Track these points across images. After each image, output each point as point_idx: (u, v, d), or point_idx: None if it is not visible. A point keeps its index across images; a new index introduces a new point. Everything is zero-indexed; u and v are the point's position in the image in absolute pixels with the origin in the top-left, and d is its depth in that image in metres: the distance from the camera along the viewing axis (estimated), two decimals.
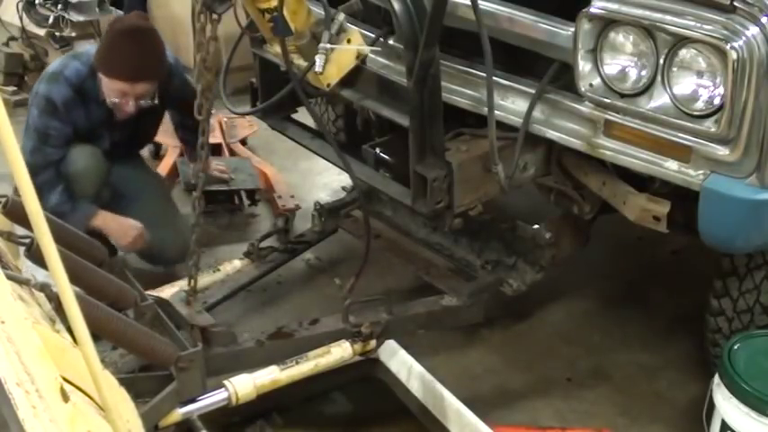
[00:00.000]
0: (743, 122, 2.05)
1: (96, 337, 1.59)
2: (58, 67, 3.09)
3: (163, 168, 3.97)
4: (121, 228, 3.10)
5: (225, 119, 4.37)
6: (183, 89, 3.23)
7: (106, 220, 3.07)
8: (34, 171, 2.82)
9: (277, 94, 2.65)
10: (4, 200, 1.95)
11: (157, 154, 4.33)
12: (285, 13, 2.27)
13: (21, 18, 5.15)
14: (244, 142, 4.41)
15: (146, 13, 3.93)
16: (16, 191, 1.83)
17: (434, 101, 2.32)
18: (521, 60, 2.54)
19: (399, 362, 2.53)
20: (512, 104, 2.51)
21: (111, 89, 3.00)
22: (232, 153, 4.18)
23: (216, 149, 4.05)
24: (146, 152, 4.24)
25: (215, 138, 4.07)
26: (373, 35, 2.68)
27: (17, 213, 1.93)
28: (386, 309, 2.53)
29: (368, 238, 2.61)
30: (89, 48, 3.32)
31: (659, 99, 2.20)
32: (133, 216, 3.17)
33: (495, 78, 2.36)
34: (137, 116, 3.13)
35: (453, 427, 2.32)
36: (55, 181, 2.98)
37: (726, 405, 2.29)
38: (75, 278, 1.19)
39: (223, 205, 3.77)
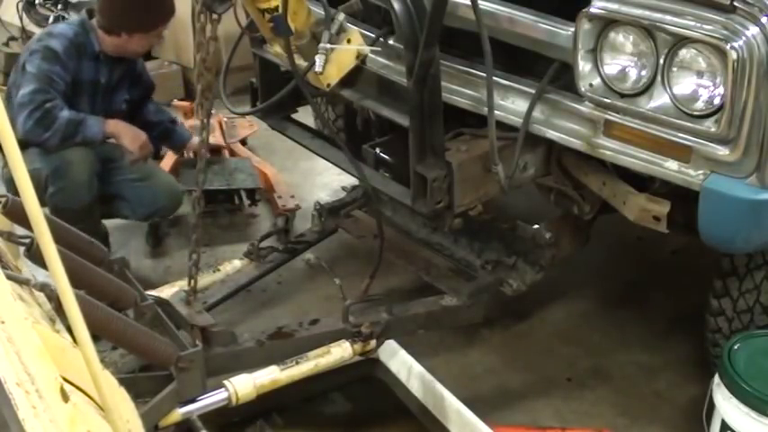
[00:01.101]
0: (743, 122, 2.05)
1: (96, 337, 1.60)
2: (45, 30, 3.27)
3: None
4: (133, 131, 3.23)
5: (225, 119, 4.37)
6: (143, 71, 3.48)
7: (118, 123, 3.20)
8: (38, 103, 2.99)
9: (277, 94, 2.65)
10: (3, 200, 1.95)
11: (157, 154, 4.33)
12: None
13: (21, 18, 5.17)
14: (244, 142, 4.41)
15: None
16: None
17: (434, 101, 2.32)
18: (521, 60, 2.54)
19: (399, 362, 2.53)
20: (512, 104, 2.51)
21: (151, 36, 3.17)
22: (232, 153, 4.17)
23: (215, 150, 4.04)
24: None
25: (214, 138, 4.07)
26: (373, 35, 2.68)
27: (17, 213, 1.93)
28: (386, 309, 2.52)
29: (381, 240, 2.62)
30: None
31: (659, 99, 2.19)
32: (120, 178, 3.29)
33: (495, 78, 2.36)
34: (114, 87, 3.27)
35: (453, 427, 2.32)
36: (62, 103, 3.05)
37: (726, 405, 2.29)
38: (75, 278, 1.18)
39: (223, 205, 3.77)
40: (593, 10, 2.22)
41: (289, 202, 3.77)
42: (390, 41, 2.68)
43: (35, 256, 1.82)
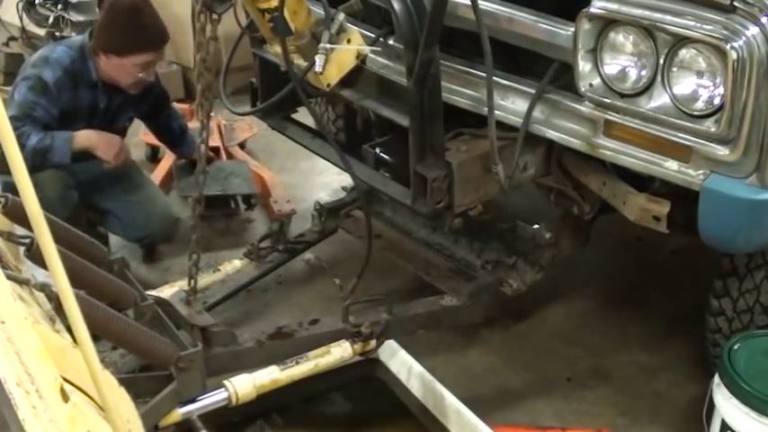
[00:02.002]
0: (743, 122, 2.05)
1: (96, 337, 1.60)
2: (44, 53, 3.14)
3: (159, 172, 3.92)
4: (105, 139, 3.12)
5: (224, 122, 4.33)
6: (155, 84, 3.35)
7: (89, 135, 3.09)
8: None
9: (277, 94, 2.65)
10: (3, 200, 1.95)
11: (155, 157, 4.30)
12: (285, 13, 2.27)
13: (21, 18, 5.16)
14: (242, 146, 4.36)
15: None
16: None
17: (434, 101, 2.32)
18: (521, 60, 2.54)
19: (399, 362, 2.53)
20: (512, 104, 2.51)
21: (136, 65, 3.06)
22: (230, 156, 4.14)
23: (214, 153, 3.98)
24: (142, 155, 4.24)
25: (213, 141, 4.04)
26: (373, 35, 2.68)
27: (17, 213, 1.93)
28: (386, 309, 2.52)
29: (369, 239, 2.61)
30: (69, 39, 3.41)
31: (659, 99, 2.19)
32: (116, 196, 3.26)
33: (495, 78, 2.36)
34: (115, 111, 3.21)
35: (453, 427, 2.32)
36: (31, 130, 2.96)
37: (726, 405, 2.29)
38: (75, 278, 1.18)
39: (219, 210, 3.70)
40: (593, 10, 2.22)
41: (284, 206, 3.73)
42: (390, 41, 2.68)
43: (35, 256, 1.81)
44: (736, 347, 2.35)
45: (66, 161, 3.01)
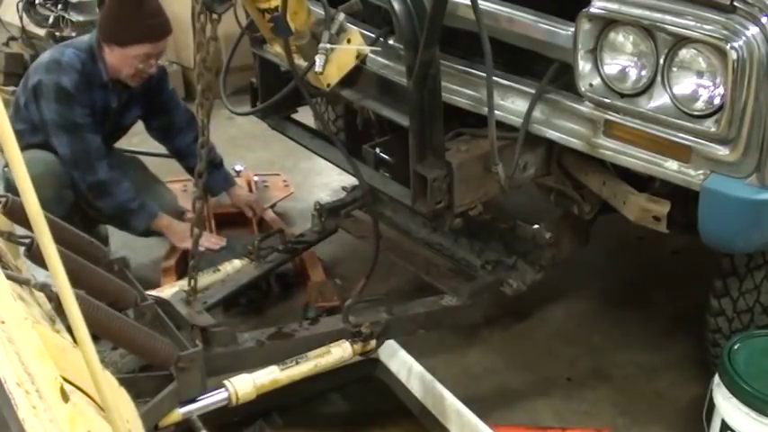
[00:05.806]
0: (743, 122, 2.05)
1: (96, 337, 1.60)
2: (54, 56, 3.12)
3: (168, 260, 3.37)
4: (182, 229, 3.18)
5: (255, 178, 3.87)
6: (162, 84, 3.37)
7: (171, 223, 3.23)
8: (86, 166, 3.04)
9: (277, 94, 2.65)
10: (3, 200, 1.94)
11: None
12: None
13: (21, 18, 5.16)
14: (273, 206, 3.79)
15: None
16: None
17: (434, 101, 2.32)
18: (521, 60, 2.54)
19: (399, 362, 2.54)
20: (512, 104, 2.51)
21: (135, 56, 3.06)
22: (261, 225, 3.59)
23: (244, 219, 3.58)
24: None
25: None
26: (373, 35, 2.68)
27: (17, 213, 1.92)
28: (386, 309, 2.52)
29: (377, 240, 2.61)
30: (74, 39, 3.38)
31: (659, 99, 2.20)
32: None
33: (495, 78, 2.36)
34: (124, 106, 3.22)
35: (453, 427, 2.32)
36: (115, 175, 3.07)
37: (726, 405, 2.29)
38: (75, 278, 1.18)
39: (248, 294, 3.13)
40: (593, 10, 2.22)
41: (326, 291, 3.15)
42: (390, 41, 2.68)
43: (35, 256, 1.81)
44: (736, 347, 2.35)
45: (136, 232, 3.17)
